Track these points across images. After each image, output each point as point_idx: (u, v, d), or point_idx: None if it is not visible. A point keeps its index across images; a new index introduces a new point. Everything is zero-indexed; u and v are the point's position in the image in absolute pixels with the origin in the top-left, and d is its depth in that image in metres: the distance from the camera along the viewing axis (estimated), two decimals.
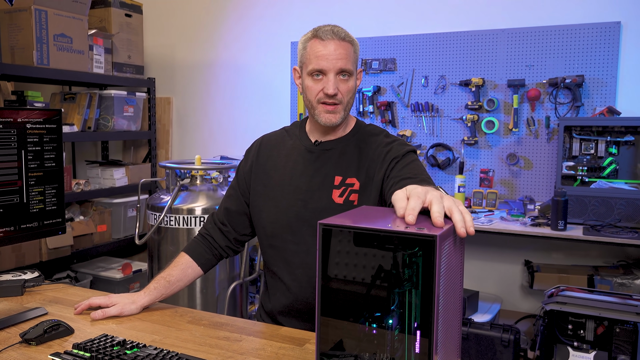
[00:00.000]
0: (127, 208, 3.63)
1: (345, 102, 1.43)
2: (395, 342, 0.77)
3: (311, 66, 1.40)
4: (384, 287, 0.77)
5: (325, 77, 1.40)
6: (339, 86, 1.40)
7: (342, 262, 0.80)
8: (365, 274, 0.79)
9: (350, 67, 1.41)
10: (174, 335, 1.25)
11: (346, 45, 1.40)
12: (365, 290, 0.79)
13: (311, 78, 1.42)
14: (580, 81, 2.86)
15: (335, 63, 1.38)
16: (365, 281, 0.79)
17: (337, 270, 0.81)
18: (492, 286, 3.18)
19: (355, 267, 0.79)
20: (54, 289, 1.59)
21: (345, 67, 1.40)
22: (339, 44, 1.39)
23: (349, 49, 1.41)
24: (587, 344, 2.40)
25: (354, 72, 1.43)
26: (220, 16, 3.88)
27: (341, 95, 1.41)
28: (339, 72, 1.40)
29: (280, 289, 1.50)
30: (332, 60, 1.38)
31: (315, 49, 1.40)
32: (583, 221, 2.63)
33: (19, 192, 1.34)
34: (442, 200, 0.84)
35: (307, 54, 1.42)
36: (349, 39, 1.42)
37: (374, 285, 0.78)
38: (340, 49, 1.39)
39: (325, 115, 1.42)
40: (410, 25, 3.32)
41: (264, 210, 1.51)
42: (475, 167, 3.20)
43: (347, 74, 1.41)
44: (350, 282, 0.80)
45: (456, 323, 0.87)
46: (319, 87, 1.41)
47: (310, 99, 1.44)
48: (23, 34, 2.94)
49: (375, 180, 1.41)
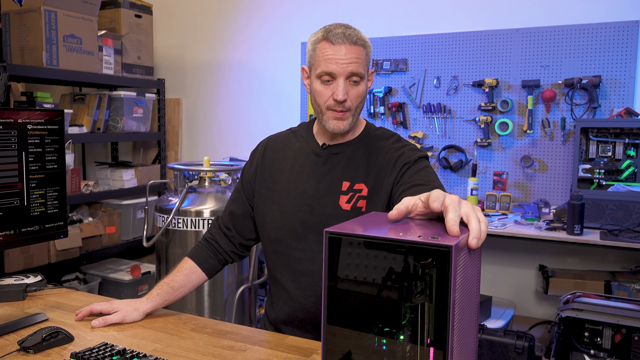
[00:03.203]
0: (137, 210, 3.61)
1: (354, 107, 1.37)
2: (406, 358, 0.72)
3: (320, 69, 1.34)
4: (394, 300, 0.72)
5: (334, 81, 1.34)
6: (348, 92, 1.34)
7: (350, 272, 0.76)
8: (375, 284, 0.74)
9: (361, 71, 1.34)
10: (176, 344, 1.21)
11: (358, 49, 1.33)
12: (374, 301, 0.74)
13: (320, 82, 1.36)
14: (597, 82, 2.79)
15: (346, 67, 1.32)
16: (374, 292, 0.74)
17: (344, 280, 0.76)
18: (506, 291, 3.11)
19: (364, 277, 0.75)
20: (56, 293, 1.56)
21: (356, 70, 1.33)
22: (350, 48, 1.32)
23: (360, 52, 1.34)
24: (604, 352, 2.33)
25: (365, 75, 1.36)
26: (230, 17, 3.85)
27: (350, 101, 1.35)
28: (349, 77, 1.34)
29: (283, 297, 1.46)
30: (343, 64, 1.32)
31: (325, 52, 1.33)
32: (600, 225, 2.56)
33: (20, 194, 1.31)
34: (459, 207, 0.78)
35: (317, 55, 1.36)
36: (361, 42, 1.35)
37: (383, 298, 0.73)
38: (351, 53, 1.32)
39: (334, 122, 1.37)
40: (422, 25, 3.26)
41: (268, 214, 1.46)
42: (488, 169, 3.14)
43: (358, 79, 1.35)
44: (359, 292, 0.75)
45: (472, 336, 0.82)
46: (328, 93, 1.35)
47: (319, 104, 1.38)
48: (33, 34, 2.93)
49: (384, 185, 1.36)
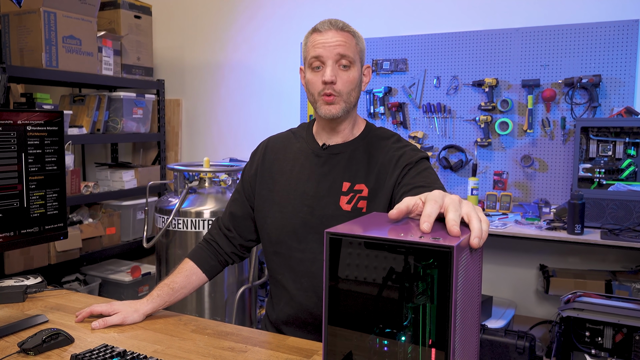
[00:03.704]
0: (136, 210, 3.61)
1: (345, 93, 1.36)
2: (407, 358, 0.72)
3: (310, 55, 1.37)
4: (395, 300, 0.72)
5: (324, 67, 1.35)
6: (338, 75, 1.34)
7: (350, 273, 0.75)
8: (376, 285, 0.73)
9: (350, 54, 1.35)
10: (176, 345, 1.21)
11: (345, 34, 1.36)
12: (375, 302, 0.74)
13: (311, 70, 1.38)
14: (597, 81, 2.78)
15: (333, 50, 1.33)
16: (375, 292, 0.73)
17: (346, 280, 0.76)
18: (506, 291, 3.11)
19: (364, 278, 0.74)
20: (57, 295, 1.55)
21: (344, 52, 1.34)
22: (337, 32, 1.35)
23: (348, 37, 1.36)
24: (605, 352, 2.33)
25: (355, 61, 1.36)
26: (230, 17, 3.84)
27: (341, 85, 1.35)
28: (338, 61, 1.34)
29: (284, 299, 1.45)
30: (330, 47, 1.34)
31: (314, 40, 1.37)
32: (601, 225, 2.56)
33: (19, 196, 1.30)
34: (460, 206, 0.78)
35: (307, 47, 1.39)
36: (348, 29, 1.37)
37: (385, 299, 0.73)
38: (338, 36, 1.35)
39: (325, 107, 1.36)
40: (422, 25, 3.26)
41: (268, 215, 1.46)
42: (488, 169, 3.13)
43: (347, 62, 1.35)
44: (360, 293, 0.75)
45: (474, 337, 0.81)
46: (319, 79, 1.35)
47: (312, 93, 1.39)
48: (32, 35, 2.92)
49: (385, 186, 1.35)
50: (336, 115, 1.37)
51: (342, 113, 1.37)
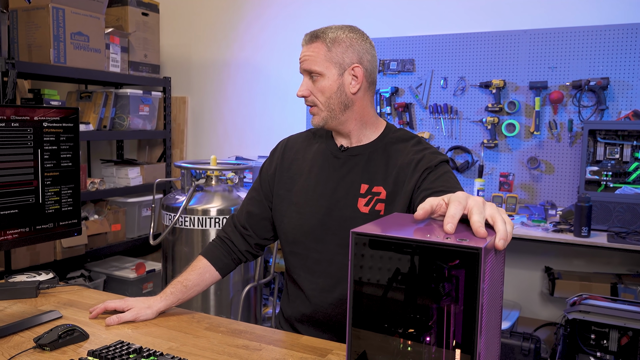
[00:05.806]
0: (142, 208, 3.61)
1: (322, 102, 1.38)
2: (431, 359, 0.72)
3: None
4: (419, 302, 0.72)
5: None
6: (310, 88, 1.39)
7: (373, 274, 0.75)
8: (400, 287, 0.74)
9: (316, 68, 1.36)
10: (191, 343, 1.21)
11: (314, 46, 1.37)
12: (399, 304, 0.74)
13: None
14: (605, 84, 2.78)
15: (302, 65, 1.40)
16: (399, 294, 0.74)
17: (368, 282, 0.76)
18: (511, 292, 3.11)
19: (388, 279, 0.74)
20: (69, 291, 1.56)
21: (308, 67, 1.38)
22: (308, 47, 1.39)
23: (315, 48, 1.36)
24: (610, 355, 2.33)
25: (324, 70, 1.36)
26: (237, 16, 3.85)
27: (313, 97, 1.39)
28: (309, 74, 1.39)
29: (300, 298, 1.45)
30: (301, 63, 1.40)
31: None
32: (607, 228, 2.56)
33: (35, 192, 1.31)
34: (484, 208, 0.78)
35: None
36: (319, 37, 1.37)
37: (408, 300, 0.73)
38: (306, 51, 1.39)
39: (311, 118, 1.43)
40: (430, 26, 3.26)
41: (286, 215, 1.46)
42: (494, 170, 3.14)
43: (316, 75, 1.37)
44: (383, 294, 0.75)
45: (496, 339, 0.82)
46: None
47: None
48: (40, 32, 2.92)
49: (404, 189, 1.33)
50: (319, 125, 1.41)
51: (324, 122, 1.40)
